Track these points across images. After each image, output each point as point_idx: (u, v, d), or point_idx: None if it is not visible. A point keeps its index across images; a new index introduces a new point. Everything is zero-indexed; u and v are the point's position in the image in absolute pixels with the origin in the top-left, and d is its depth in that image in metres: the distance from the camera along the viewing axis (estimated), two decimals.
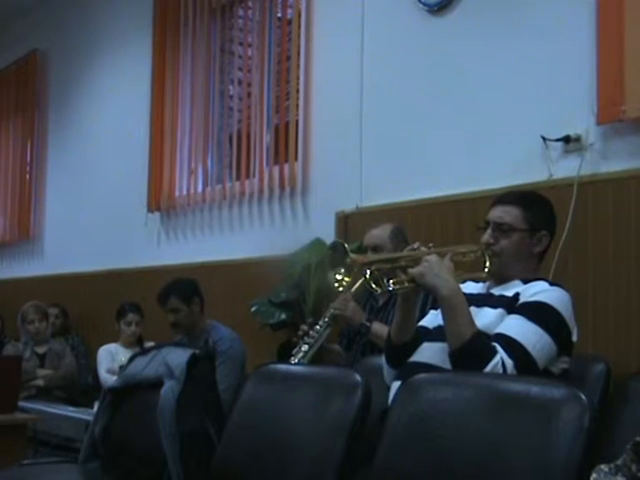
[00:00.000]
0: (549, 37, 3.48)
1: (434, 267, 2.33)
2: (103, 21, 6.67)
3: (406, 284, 2.38)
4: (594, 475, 1.57)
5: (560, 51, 3.43)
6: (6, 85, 7.99)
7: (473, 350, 2.24)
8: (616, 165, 3.22)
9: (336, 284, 2.42)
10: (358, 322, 3.37)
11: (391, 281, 2.38)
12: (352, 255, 2.38)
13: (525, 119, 3.54)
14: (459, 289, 2.35)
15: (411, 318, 2.49)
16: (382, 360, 2.61)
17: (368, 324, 3.34)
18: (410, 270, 2.35)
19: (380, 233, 3.50)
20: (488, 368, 2.19)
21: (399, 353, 2.52)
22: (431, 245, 2.46)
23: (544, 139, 3.41)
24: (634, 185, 3.13)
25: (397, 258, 2.48)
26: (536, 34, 3.54)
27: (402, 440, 1.95)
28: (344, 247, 2.39)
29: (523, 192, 2.72)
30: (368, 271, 2.38)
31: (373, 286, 2.39)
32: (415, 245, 2.46)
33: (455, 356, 2.28)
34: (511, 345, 2.25)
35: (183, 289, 4.34)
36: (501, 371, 2.20)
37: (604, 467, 1.58)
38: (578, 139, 3.32)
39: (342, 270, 2.39)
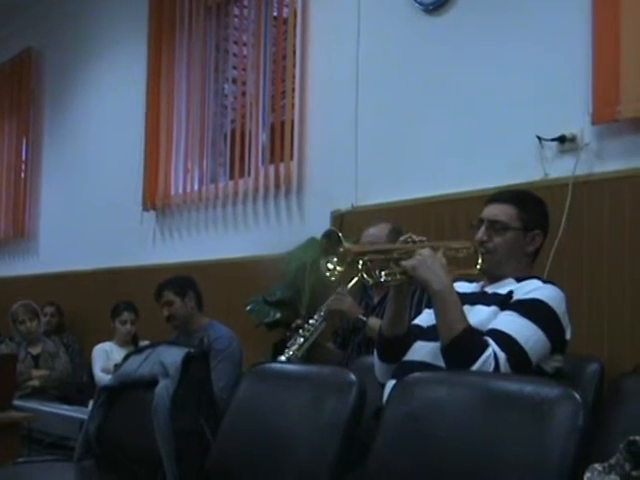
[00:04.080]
0: (545, 36, 3.48)
1: (427, 261, 2.32)
2: (99, 19, 6.66)
3: (398, 276, 2.36)
4: (588, 474, 1.58)
5: (556, 51, 3.44)
6: (1, 82, 7.98)
7: (464, 344, 2.24)
8: (611, 165, 3.22)
9: (327, 273, 2.38)
10: (354, 316, 3.37)
11: (383, 272, 2.37)
12: (346, 244, 2.34)
13: (520, 119, 3.54)
14: (451, 284, 2.34)
15: (403, 311, 2.48)
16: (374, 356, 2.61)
17: (364, 318, 3.34)
18: (403, 262, 2.34)
19: (377, 232, 3.49)
20: (480, 361, 2.18)
21: (391, 347, 2.51)
22: (424, 238, 2.45)
23: (539, 139, 3.41)
24: (629, 185, 3.13)
25: (391, 250, 2.47)
26: (532, 34, 3.54)
27: (396, 439, 1.96)
28: (338, 236, 2.35)
29: (517, 191, 2.72)
30: (360, 261, 2.36)
31: (365, 276, 2.38)
32: (408, 237, 2.45)
33: (447, 350, 2.27)
34: (504, 339, 2.25)
35: (177, 283, 4.38)
36: (493, 364, 2.19)
37: (598, 466, 1.59)
38: (573, 139, 3.33)
39: (334, 259, 2.36)
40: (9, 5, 7.54)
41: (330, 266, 2.37)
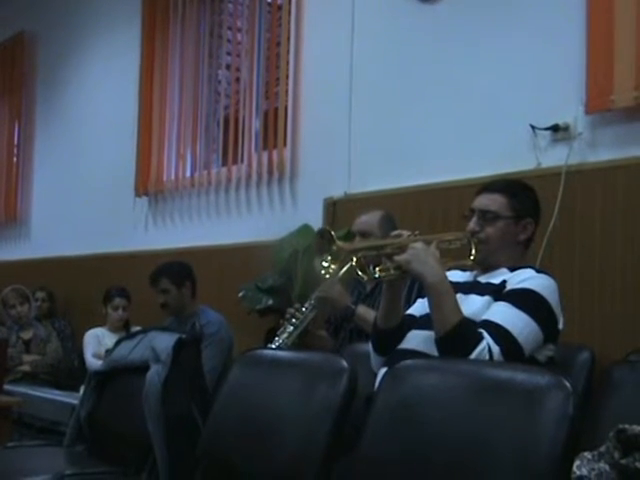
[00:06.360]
0: (539, 26, 3.48)
1: (420, 254, 2.33)
2: (92, 4, 6.62)
3: (392, 271, 2.38)
4: (577, 462, 1.58)
5: (550, 40, 3.43)
6: None
7: (459, 336, 2.25)
8: (604, 154, 3.22)
9: (323, 271, 2.41)
10: (343, 305, 3.36)
11: (377, 268, 2.39)
12: (338, 242, 2.38)
13: (514, 108, 3.54)
14: (445, 276, 2.35)
15: (397, 304, 2.49)
16: (369, 347, 2.61)
17: (353, 307, 3.34)
18: (396, 257, 2.35)
19: (369, 219, 3.49)
20: (474, 354, 2.20)
21: (385, 339, 2.52)
22: (417, 232, 2.46)
23: (533, 128, 3.41)
24: (622, 174, 3.14)
25: (383, 245, 2.48)
26: (526, 23, 3.53)
27: (386, 426, 1.96)
28: (330, 234, 2.39)
29: (508, 180, 2.72)
30: (354, 258, 2.39)
31: (359, 273, 2.40)
32: (402, 232, 2.46)
33: (441, 343, 2.28)
34: (498, 332, 2.26)
35: (175, 271, 4.39)
36: (487, 357, 2.20)
37: (587, 454, 1.59)
38: (567, 128, 3.33)
39: (329, 257, 2.39)
40: None
41: (325, 264, 2.40)
